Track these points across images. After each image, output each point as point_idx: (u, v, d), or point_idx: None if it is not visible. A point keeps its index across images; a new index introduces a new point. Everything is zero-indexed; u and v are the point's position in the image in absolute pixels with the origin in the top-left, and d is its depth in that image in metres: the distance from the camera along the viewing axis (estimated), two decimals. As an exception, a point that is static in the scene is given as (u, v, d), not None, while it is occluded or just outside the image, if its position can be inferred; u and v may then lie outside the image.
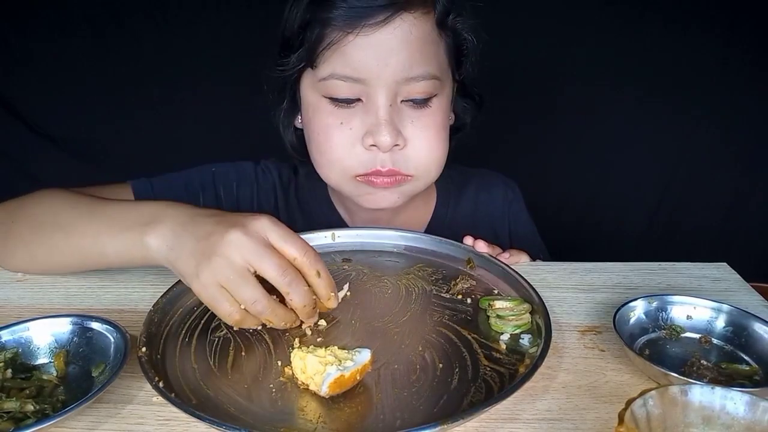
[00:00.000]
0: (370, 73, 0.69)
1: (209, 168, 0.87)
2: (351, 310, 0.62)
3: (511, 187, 0.98)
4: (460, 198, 0.94)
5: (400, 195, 0.78)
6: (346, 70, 0.70)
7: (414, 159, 0.75)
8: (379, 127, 0.70)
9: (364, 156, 0.74)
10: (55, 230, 0.65)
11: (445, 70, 0.76)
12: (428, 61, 0.71)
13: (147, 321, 0.56)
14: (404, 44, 0.69)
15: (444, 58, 0.75)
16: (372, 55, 0.69)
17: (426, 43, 0.71)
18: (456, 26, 0.75)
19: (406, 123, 0.73)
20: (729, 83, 1.61)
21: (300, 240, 0.54)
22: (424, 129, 0.74)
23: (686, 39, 1.59)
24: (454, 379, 0.51)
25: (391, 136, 0.71)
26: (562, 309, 0.65)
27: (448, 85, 0.77)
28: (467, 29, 0.77)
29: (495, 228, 0.94)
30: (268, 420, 0.46)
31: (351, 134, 0.73)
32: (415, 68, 0.70)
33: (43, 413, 0.47)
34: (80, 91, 1.70)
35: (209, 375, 0.52)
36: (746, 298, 0.67)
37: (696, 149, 1.70)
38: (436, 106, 0.75)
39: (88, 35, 1.67)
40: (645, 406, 0.40)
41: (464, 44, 0.77)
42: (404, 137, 0.73)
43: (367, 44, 0.68)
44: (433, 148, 0.76)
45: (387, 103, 0.71)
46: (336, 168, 0.76)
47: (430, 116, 0.74)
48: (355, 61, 0.69)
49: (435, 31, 0.72)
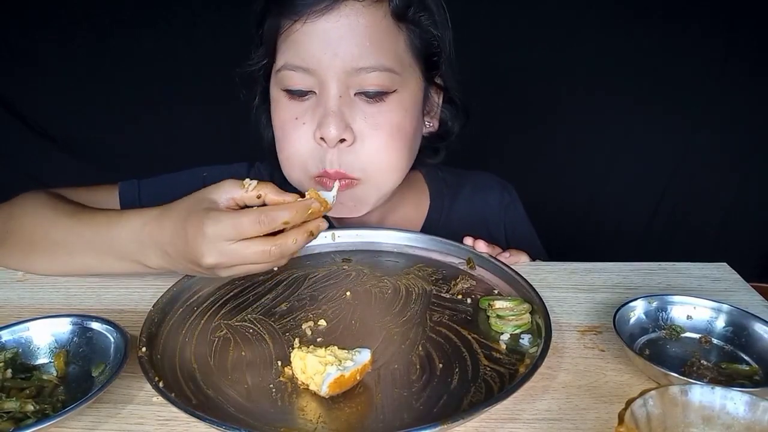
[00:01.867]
0: (319, 63, 0.68)
1: (200, 172, 0.85)
2: (351, 310, 0.62)
3: (508, 189, 0.97)
4: (454, 200, 0.92)
5: (356, 203, 0.75)
6: (296, 59, 0.69)
7: (363, 159, 0.71)
8: (326, 118, 0.68)
9: (316, 153, 0.71)
10: (57, 250, 0.68)
11: (407, 67, 0.72)
12: (381, 53, 0.68)
13: (147, 321, 0.56)
14: (352, 32, 0.67)
15: (405, 53, 0.71)
16: (319, 43, 0.67)
17: (378, 33, 0.68)
18: (420, 21, 0.72)
19: (358, 118, 0.70)
20: (728, 85, 1.61)
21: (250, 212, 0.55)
22: (376, 127, 0.71)
23: (686, 40, 1.59)
24: (454, 379, 0.51)
25: (337, 128, 0.68)
26: (562, 309, 0.65)
27: (414, 84, 0.73)
28: (435, 26, 0.73)
29: (490, 230, 0.93)
30: (268, 420, 0.46)
31: (305, 130, 0.71)
32: (365, 58, 0.68)
33: (43, 413, 0.47)
34: (81, 92, 1.70)
35: (209, 375, 0.52)
36: (746, 298, 0.67)
37: (696, 149, 1.70)
38: (394, 104, 0.71)
39: (89, 36, 1.67)
40: (645, 406, 0.40)
41: (434, 43, 0.74)
42: (354, 133, 0.70)
43: (314, 32, 0.67)
44: (385, 149, 0.72)
45: (337, 94, 0.69)
46: (294, 166, 0.74)
47: (385, 113, 0.71)
48: (303, 50, 0.68)
49: (389, 21, 0.69)
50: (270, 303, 0.63)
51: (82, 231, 0.65)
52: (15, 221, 0.71)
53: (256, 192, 0.56)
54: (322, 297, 0.64)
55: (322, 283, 0.68)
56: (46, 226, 0.68)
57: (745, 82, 1.61)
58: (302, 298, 0.64)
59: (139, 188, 0.82)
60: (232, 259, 0.54)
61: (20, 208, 0.72)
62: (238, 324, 0.59)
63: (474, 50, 1.29)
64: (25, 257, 0.70)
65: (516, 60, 1.59)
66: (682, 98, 1.64)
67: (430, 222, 0.90)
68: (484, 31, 0.74)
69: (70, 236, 0.66)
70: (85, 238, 0.65)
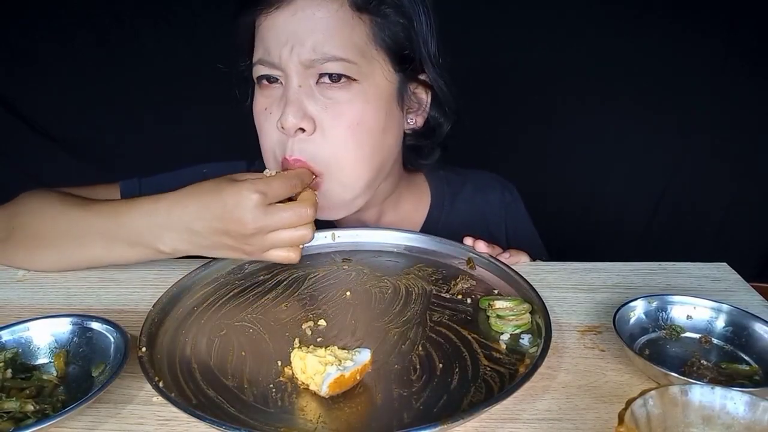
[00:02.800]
0: (279, 56, 0.69)
1: (201, 169, 0.85)
2: (351, 310, 0.62)
3: (509, 189, 0.96)
4: (455, 199, 0.92)
5: (328, 202, 0.73)
6: (263, 54, 0.70)
7: (325, 150, 0.70)
8: (286, 107, 0.68)
9: (281, 142, 0.71)
10: (65, 242, 0.68)
11: (369, 59, 0.70)
12: (337, 45, 0.68)
13: (147, 321, 0.56)
14: (307, 26, 0.68)
15: (367, 45, 0.70)
16: (278, 37, 0.69)
17: (334, 23, 0.68)
18: (386, 14, 0.71)
19: (318, 106, 0.69)
20: (728, 84, 1.61)
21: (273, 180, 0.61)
22: (335, 117, 0.69)
23: (686, 40, 1.59)
24: (454, 379, 0.51)
25: (294, 116, 0.68)
26: (562, 309, 0.65)
27: (379, 77, 0.71)
28: (403, 18, 0.72)
29: (491, 230, 0.93)
30: (268, 420, 0.46)
31: (272, 119, 0.71)
32: (319, 50, 0.67)
33: (43, 413, 0.47)
34: (82, 92, 1.70)
35: (209, 375, 0.52)
36: (746, 298, 0.67)
37: (696, 150, 1.70)
38: (356, 93, 0.70)
39: (90, 36, 1.66)
40: (645, 406, 0.40)
41: (403, 35, 0.72)
42: (314, 122, 0.69)
43: (273, 26, 0.69)
44: (345, 142, 0.70)
45: (296, 84, 0.69)
46: (268, 158, 0.75)
47: (346, 104, 0.69)
48: (266, 44, 0.70)
49: (347, 13, 0.68)
50: (270, 303, 0.63)
51: (91, 220, 0.67)
52: (19, 219, 0.71)
53: None
54: (322, 297, 0.64)
55: (322, 283, 0.68)
56: (54, 219, 0.69)
57: (746, 82, 1.61)
58: (302, 298, 0.64)
59: (140, 186, 0.83)
60: (273, 220, 0.59)
61: (23, 206, 0.72)
62: (238, 324, 0.59)
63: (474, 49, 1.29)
64: (30, 253, 0.71)
65: (514, 60, 1.58)
66: (683, 99, 1.64)
67: (430, 221, 0.90)
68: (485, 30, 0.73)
69: (78, 227, 0.67)
70: (95, 227, 0.66)
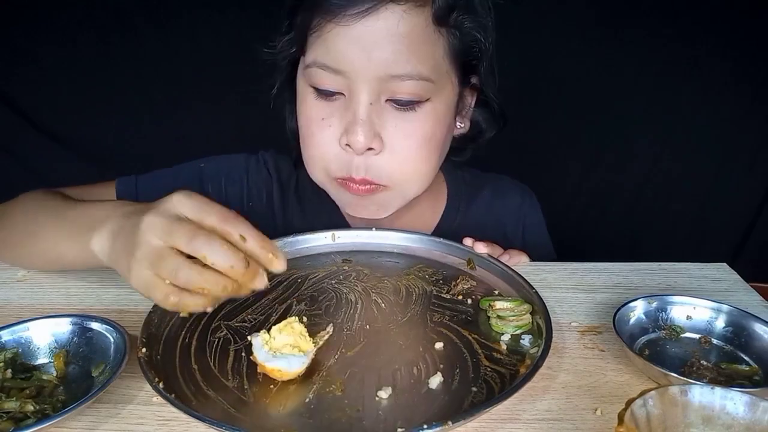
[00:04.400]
0: (351, 66, 0.65)
1: (198, 164, 0.85)
2: (351, 311, 0.62)
3: (529, 195, 0.95)
4: (472, 202, 0.90)
5: (379, 207, 0.74)
6: (327, 59, 0.66)
7: (390, 168, 0.70)
8: (355, 126, 0.66)
9: (341, 157, 0.70)
10: (27, 236, 0.67)
11: (444, 74, 0.69)
12: (418, 60, 0.65)
13: (147, 321, 0.56)
14: (389, 38, 0.64)
15: (442, 59, 0.68)
16: (353, 46, 0.64)
17: (417, 39, 0.65)
18: (463, 25, 0.69)
19: (388, 126, 0.68)
20: (737, 85, 1.61)
21: (216, 207, 0.49)
22: (406, 137, 0.68)
23: (690, 40, 1.59)
24: (455, 380, 0.51)
25: (366, 137, 0.66)
26: (562, 309, 0.65)
27: (448, 91, 0.71)
28: (478, 29, 0.70)
29: (507, 235, 0.91)
30: (268, 420, 0.46)
31: (330, 132, 0.69)
32: (401, 65, 0.65)
33: (43, 413, 0.47)
34: (83, 91, 1.70)
35: (209, 375, 0.52)
36: (746, 298, 0.67)
37: (696, 150, 1.70)
38: (427, 112, 0.69)
39: (91, 35, 1.66)
40: (645, 406, 0.40)
41: (475, 46, 0.71)
42: (383, 141, 0.68)
43: (348, 35, 0.64)
44: (414, 160, 0.70)
45: (367, 101, 0.66)
46: (317, 165, 0.73)
47: (417, 123, 0.68)
48: (335, 51, 0.66)
49: (431, 27, 0.66)
50: (270, 303, 0.63)
51: (63, 213, 0.63)
52: (7, 219, 0.72)
53: None
54: (322, 297, 0.64)
55: (322, 283, 0.68)
56: (32, 214, 0.68)
57: (753, 86, 1.61)
58: (303, 298, 0.64)
59: (137, 184, 0.82)
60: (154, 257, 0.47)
61: (15, 206, 0.72)
62: (238, 324, 0.59)
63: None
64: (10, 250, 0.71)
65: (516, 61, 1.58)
66: (687, 102, 1.64)
67: (445, 223, 0.88)
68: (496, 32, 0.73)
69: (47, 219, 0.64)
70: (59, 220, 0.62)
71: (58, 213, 0.64)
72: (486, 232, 0.86)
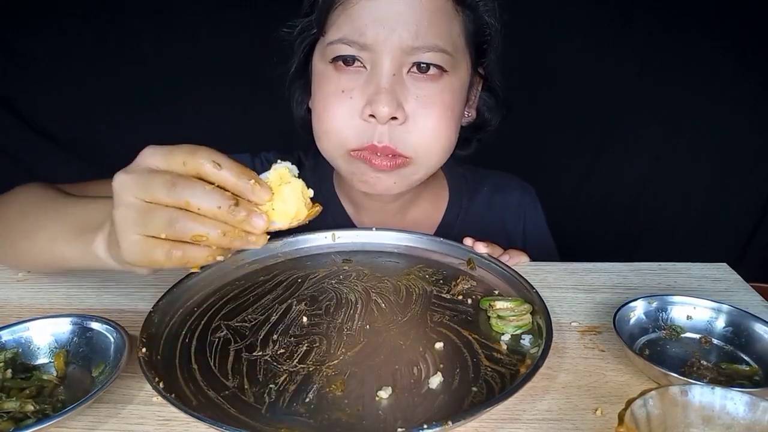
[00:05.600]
0: (376, 38, 0.67)
1: None
2: (351, 311, 0.62)
3: (529, 191, 0.95)
4: (473, 199, 0.91)
5: (398, 179, 0.74)
6: (354, 34, 0.68)
7: (414, 138, 0.70)
8: (379, 96, 0.67)
9: (361, 128, 0.70)
10: (21, 235, 0.65)
11: (461, 51, 0.72)
12: (438, 34, 0.68)
13: (147, 321, 0.56)
14: (412, 11, 0.66)
15: (459, 37, 0.71)
16: (377, 18, 0.67)
17: (437, 14, 0.68)
18: (478, 8, 0.72)
19: (410, 97, 0.69)
20: (738, 86, 1.61)
21: (184, 145, 0.47)
22: (428, 106, 0.70)
23: (689, 41, 1.59)
24: (455, 380, 0.51)
25: (390, 106, 0.67)
26: (562, 309, 0.65)
27: (464, 70, 0.73)
28: (490, 15, 0.73)
29: (508, 231, 0.91)
30: (268, 420, 0.46)
31: (351, 104, 0.70)
32: (423, 38, 0.67)
33: (43, 413, 0.47)
34: (82, 91, 1.70)
35: (209, 375, 0.52)
36: (746, 298, 0.67)
37: (696, 150, 1.70)
38: (446, 84, 0.71)
39: (88, 35, 1.66)
40: (645, 406, 0.40)
41: (487, 30, 0.74)
42: (405, 112, 0.69)
43: (372, 7, 0.67)
44: (436, 128, 0.71)
45: (390, 72, 0.68)
46: (332, 139, 0.73)
47: (438, 94, 0.70)
48: (361, 25, 0.67)
49: (450, 4, 0.69)
50: (270, 303, 0.63)
51: (59, 209, 0.62)
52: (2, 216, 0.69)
53: None
54: (322, 298, 0.64)
55: (322, 283, 0.68)
56: (26, 211, 0.66)
57: (754, 85, 1.61)
58: (303, 299, 0.64)
59: None
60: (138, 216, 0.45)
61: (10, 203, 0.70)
62: (238, 324, 0.59)
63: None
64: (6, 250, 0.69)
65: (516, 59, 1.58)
66: (689, 102, 1.64)
67: (448, 220, 0.89)
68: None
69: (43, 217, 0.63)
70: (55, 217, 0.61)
71: (58, 209, 0.62)
72: (488, 228, 0.87)
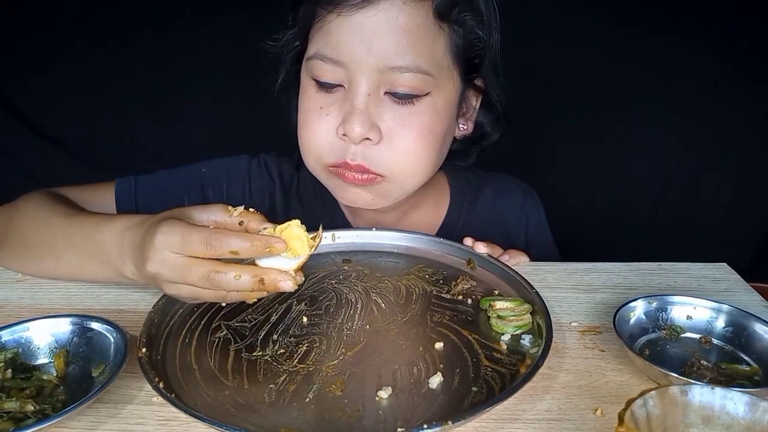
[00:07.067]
0: (351, 56, 0.66)
1: (200, 168, 0.84)
2: (351, 311, 0.62)
3: (531, 194, 0.95)
4: (475, 202, 0.90)
5: (376, 196, 0.73)
6: (327, 50, 0.67)
7: (389, 157, 0.69)
8: (352, 116, 0.66)
9: (337, 144, 0.69)
10: (45, 254, 0.67)
11: (444, 69, 0.69)
12: (418, 53, 0.66)
13: (147, 321, 0.56)
14: (389, 29, 0.64)
15: (443, 55, 0.69)
16: (353, 37, 0.65)
17: (417, 32, 0.65)
18: (465, 21, 0.69)
19: (386, 118, 0.68)
20: (729, 85, 1.61)
21: (195, 235, 0.50)
22: (405, 126, 0.68)
23: (689, 42, 1.59)
24: (455, 380, 0.51)
25: (362, 126, 0.66)
26: (562, 309, 0.65)
27: (449, 88, 0.71)
28: (481, 27, 0.71)
29: (510, 235, 0.91)
30: (268, 420, 0.46)
31: (327, 121, 0.69)
32: (401, 58, 0.65)
33: (43, 413, 0.47)
34: (82, 93, 1.70)
35: (209, 375, 0.52)
36: (746, 298, 0.67)
37: (696, 150, 1.70)
38: (425, 106, 0.69)
39: (89, 37, 1.67)
40: (645, 406, 0.40)
41: (478, 44, 0.71)
42: (380, 132, 0.68)
43: (349, 25, 0.65)
44: (413, 149, 0.70)
45: (365, 92, 0.66)
46: (311, 153, 0.73)
47: (415, 114, 0.68)
48: (335, 42, 0.66)
49: (431, 21, 0.66)
50: (270, 303, 0.63)
51: (72, 233, 0.64)
52: (14, 224, 0.71)
53: (239, 218, 0.53)
54: (322, 297, 0.64)
55: (321, 283, 0.68)
56: (40, 228, 0.67)
57: (746, 85, 1.61)
58: (302, 298, 0.64)
59: (136, 185, 0.81)
60: (173, 272, 0.51)
61: (20, 210, 0.71)
62: (238, 324, 0.59)
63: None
64: (20, 261, 0.70)
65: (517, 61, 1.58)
66: (683, 100, 1.64)
67: (448, 223, 0.88)
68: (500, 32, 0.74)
69: (59, 239, 0.65)
70: (74, 241, 0.63)
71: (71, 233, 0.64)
72: (489, 231, 0.86)
